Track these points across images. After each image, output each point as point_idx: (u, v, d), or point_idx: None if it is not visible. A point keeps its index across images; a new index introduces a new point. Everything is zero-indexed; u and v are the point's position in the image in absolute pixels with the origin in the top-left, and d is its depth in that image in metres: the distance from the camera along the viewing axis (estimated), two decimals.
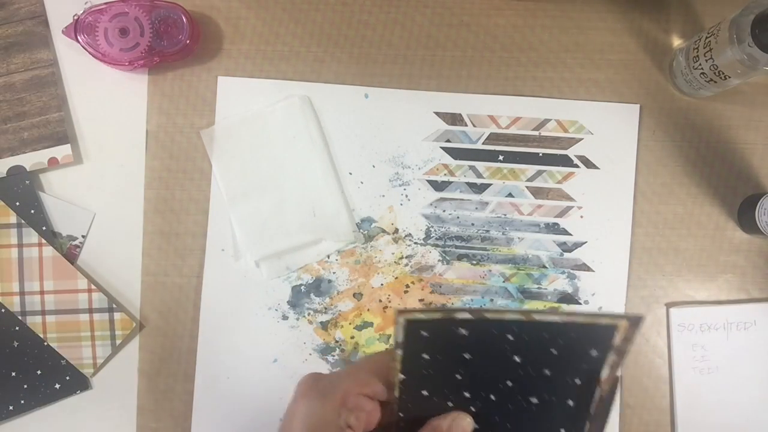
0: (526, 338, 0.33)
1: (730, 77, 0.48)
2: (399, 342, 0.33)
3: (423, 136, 0.55)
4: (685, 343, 0.53)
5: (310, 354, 0.54)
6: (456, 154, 0.55)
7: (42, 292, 0.54)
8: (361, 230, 0.54)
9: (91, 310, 0.54)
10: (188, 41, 0.53)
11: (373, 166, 0.55)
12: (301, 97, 0.54)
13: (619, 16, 0.55)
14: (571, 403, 0.35)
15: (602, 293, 0.54)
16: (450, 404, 0.35)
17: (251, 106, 0.55)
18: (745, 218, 0.52)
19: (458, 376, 0.34)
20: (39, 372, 0.54)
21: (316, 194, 0.54)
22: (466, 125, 0.55)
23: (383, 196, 0.55)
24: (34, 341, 0.54)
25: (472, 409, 0.35)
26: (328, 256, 0.54)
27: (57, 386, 0.54)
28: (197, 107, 0.55)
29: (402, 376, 0.34)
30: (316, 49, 0.56)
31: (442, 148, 0.55)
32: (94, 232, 0.55)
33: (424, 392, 0.35)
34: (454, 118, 0.55)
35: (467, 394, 0.35)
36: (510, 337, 0.33)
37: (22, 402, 0.53)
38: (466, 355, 0.34)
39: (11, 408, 0.53)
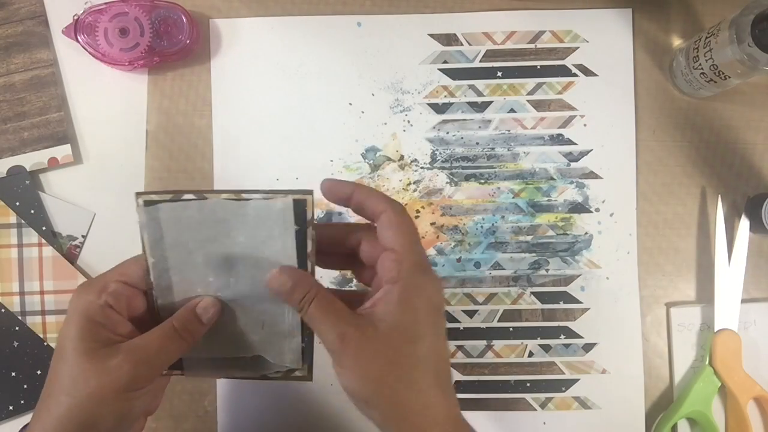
0: (245, 217, 0.36)
1: (730, 77, 0.48)
2: (142, 224, 0.37)
3: (420, 60, 0.55)
4: (685, 343, 0.53)
5: (327, 287, 0.54)
6: (454, 74, 0.55)
7: (42, 292, 0.54)
8: (367, 160, 0.55)
9: None
10: (188, 41, 0.53)
11: (373, 95, 0.55)
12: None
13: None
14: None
15: (612, 200, 0.54)
16: (199, 289, 0.38)
17: (245, 47, 0.55)
18: (752, 216, 0.52)
19: (198, 258, 0.37)
20: (39, 372, 0.54)
21: None
22: (461, 45, 0.55)
23: (385, 123, 0.55)
24: (34, 341, 0.54)
25: (219, 294, 0.38)
26: None
27: None
28: (197, 107, 0.55)
29: (152, 259, 0.37)
30: None
31: (440, 69, 0.55)
32: (94, 232, 0.55)
33: (174, 277, 0.38)
34: (449, 39, 0.55)
35: (211, 278, 0.38)
36: (231, 219, 0.36)
37: (22, 402, 0.53)
38: (193, 235, 0.37)
39: (11, 408, 0.53)
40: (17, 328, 0.54)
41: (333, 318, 0.34)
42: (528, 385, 0.53)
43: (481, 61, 0.55)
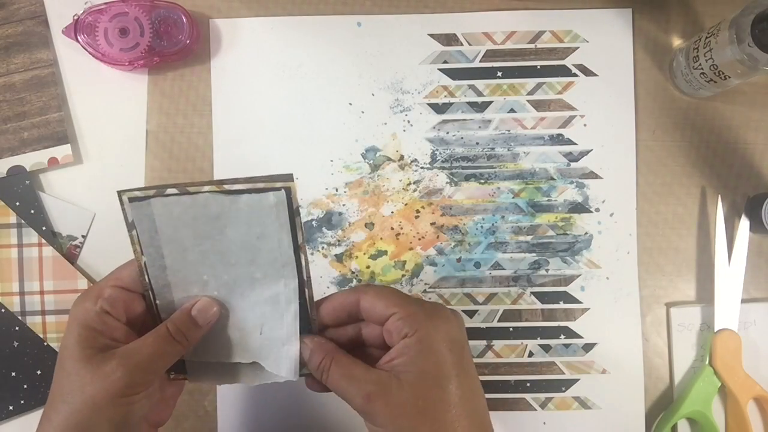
0: (238, 212, 0.35)
1: (730, 77, 0.48)
2: (130, 222, 0.36)
3: (419, 60, 0.55)
4: (685, 343, 0.53)
5: (328, 287, 0.54)
6: (454, 74, 0.55)
7: (42, 292, 0.54)
8: (367, 160, 0.55)
9: None
10: (188, 41, 0.53)
11: (373, 95, 0.55)
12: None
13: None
14: (285, 271, 0.37)
15: (612, 199, 0.54)
16: (195, 289, 0.37)
17: (245, 47, 0.55)
18: (752, 216, 0.52)
19: (194, 256, 0.37)
20: (39, 372, 0.54)
21: None
22: (461, 45, 0.55)
23: (385, 123, 0.55)
24: (34, 341, 0.54)
25: (216, 294, 0.38)
26: (336, 189, 0.54)
27: None
28: (197, 107, 0.55)
29: (145, 258, 0.36)
30: None
31: (440, 69, 0.55)
32: (94, 232, 0.55)
33: (171, 276, 0.37)
34: (449, 39, 0.56)
35: (207, 277, 0.37)
36: (225, 215, 0.35)
37: (22, 402, 0.53)
38: (188, 232, 0.36)
39: (11, 408, 0.53)
40: (17, 328, 0.54)
41: (355, 380, 0.34)
42: (528, 385, 0.54)
43: (481, 61, 0.55)
